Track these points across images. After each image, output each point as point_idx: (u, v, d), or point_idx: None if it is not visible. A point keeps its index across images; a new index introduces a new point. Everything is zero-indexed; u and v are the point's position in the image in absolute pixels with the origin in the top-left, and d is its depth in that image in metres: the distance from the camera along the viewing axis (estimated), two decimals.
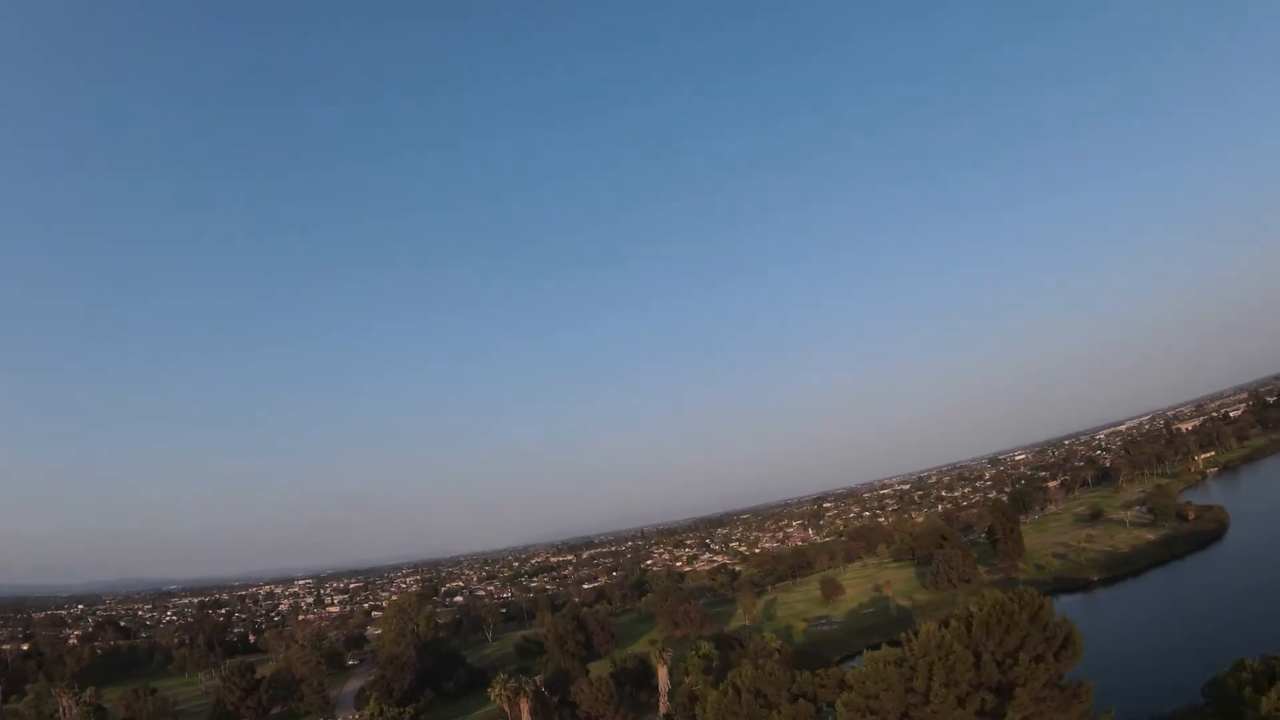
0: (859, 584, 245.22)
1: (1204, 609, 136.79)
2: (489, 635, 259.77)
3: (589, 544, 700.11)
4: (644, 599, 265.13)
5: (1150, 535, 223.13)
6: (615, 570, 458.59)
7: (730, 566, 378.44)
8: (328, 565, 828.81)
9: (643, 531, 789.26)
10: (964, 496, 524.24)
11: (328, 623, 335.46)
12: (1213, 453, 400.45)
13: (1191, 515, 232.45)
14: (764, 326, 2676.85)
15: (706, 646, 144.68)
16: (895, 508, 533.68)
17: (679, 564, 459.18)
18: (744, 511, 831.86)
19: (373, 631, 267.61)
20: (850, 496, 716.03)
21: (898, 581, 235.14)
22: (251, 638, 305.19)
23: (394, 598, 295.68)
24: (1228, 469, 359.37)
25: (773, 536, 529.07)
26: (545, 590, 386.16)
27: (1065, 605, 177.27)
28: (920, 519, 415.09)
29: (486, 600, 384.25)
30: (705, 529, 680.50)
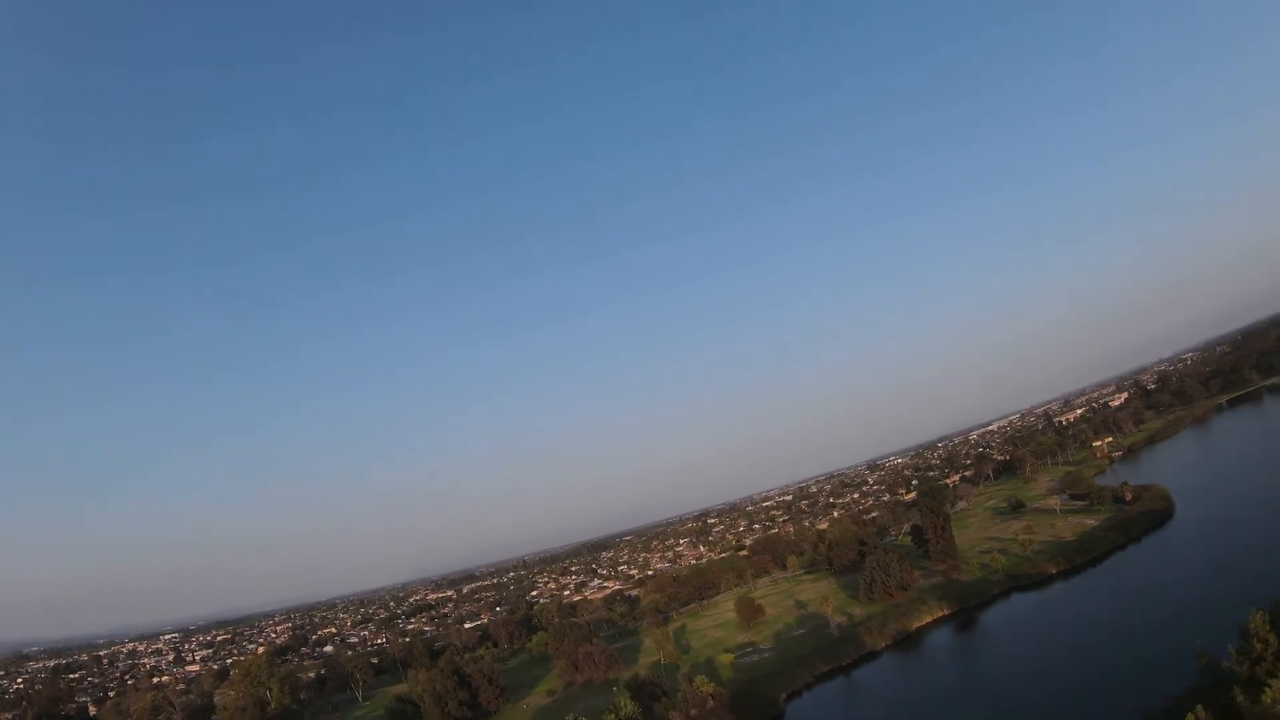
0: (777, 602, 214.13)
1: (1189, 587, 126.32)
2: (359, 694, 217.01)
3: (470, 577, 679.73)
4: (535, 638, 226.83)
5: (1092, 521, 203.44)
6: (499, 605, 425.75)
7: (625, 592, 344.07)
8: (200, 615, 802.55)
9: (524, 561, 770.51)
10: (854, 501, 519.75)
11: (183, 685, 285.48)
12: (1110, 438, 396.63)
13: (1129, 496, 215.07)
14: (633, 350, 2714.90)
15: (626, 704, 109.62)
16: (785, 518, 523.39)
17: (567, 593, 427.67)
18: (626, 533, 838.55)
19: (222, 697, 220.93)
20: (734, 510, 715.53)
21: (821, 595, 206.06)
22: (93, 708, 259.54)
23: (246, 658, 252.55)
24: (1131, 451, 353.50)
25: (663, 557, 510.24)
26: (423, 633, 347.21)
27: (1037, 603, 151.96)
28: (825, 526, 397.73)
29: (358, 649, 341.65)
30: (589, 554, 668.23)
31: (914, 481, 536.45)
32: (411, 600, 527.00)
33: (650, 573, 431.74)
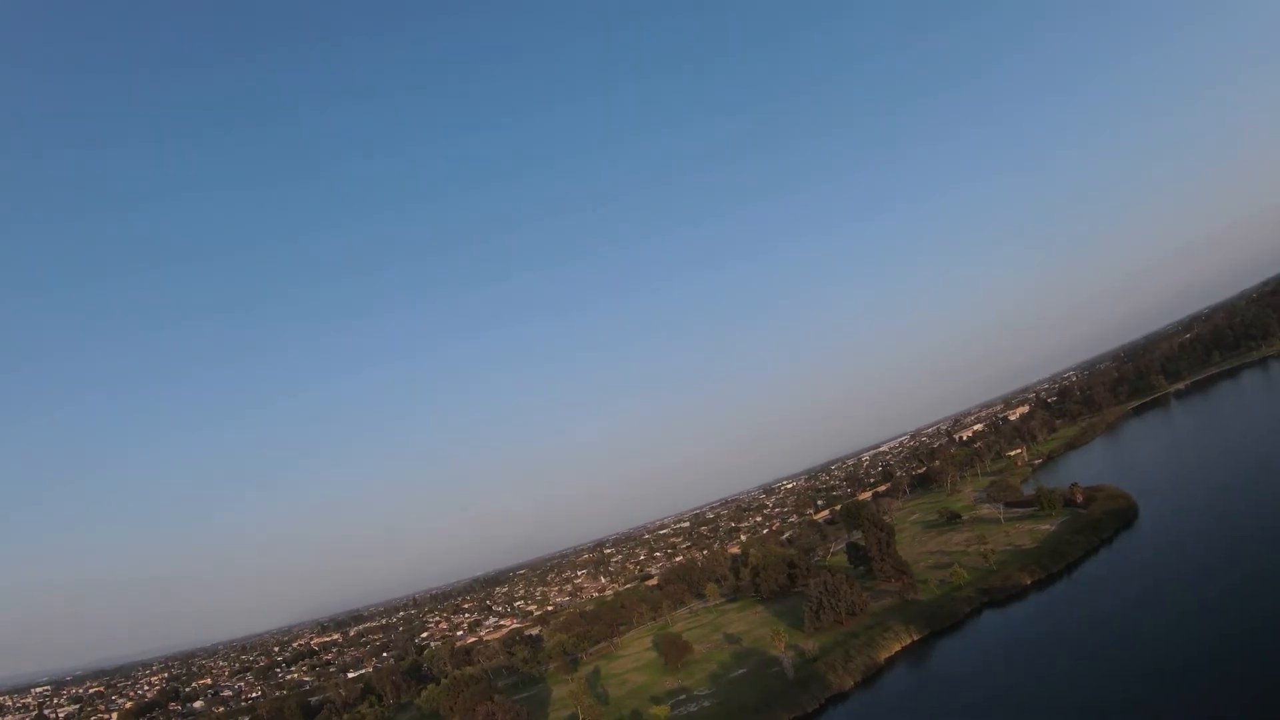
0: (704, 637, 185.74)
1: (1198, 583, 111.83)
2: None
3: (358, 618, 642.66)
4: (425, 693, 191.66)
5: (1048, 526, 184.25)
6: (386, 649, 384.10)
7: (525, 631, 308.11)
8: (76, 665, 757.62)
9: (415, 599, 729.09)
10: (759, 525, 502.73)
11: None
12: (1024, 448, 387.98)
13: (1080, 498, 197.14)
14: (523, 376, 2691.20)
15: None
16: (687, 545, 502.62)
17: (460, 633, 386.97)
18: (519, 567, 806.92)
19: None
20: (630, 539, 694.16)
21: (751, 625, 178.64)
22: None
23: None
24: (1050, 459, 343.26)
25: (561, 590, 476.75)
26: (301, 685, 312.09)
27: (1026, 616, 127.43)
28: (735, 549, 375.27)
29: (231, 704, 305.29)
30: (482, 589, 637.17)
31: (819, 501, 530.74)
32: (295, 645, 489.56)
33: (550, 608, 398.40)
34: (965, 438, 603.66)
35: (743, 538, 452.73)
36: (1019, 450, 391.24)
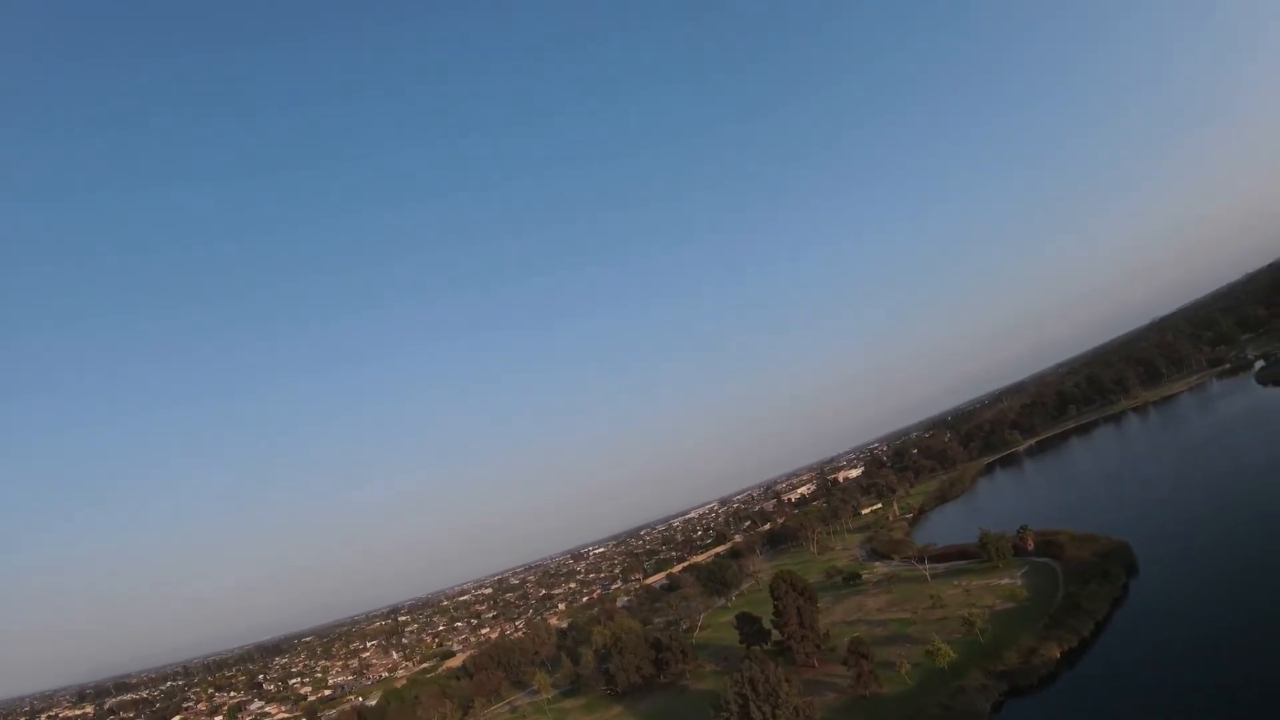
0: None
1: None
2: None
3: (124, 685, 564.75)
4: None
5: (1009, 580, 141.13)
6: None
7: None
8: None
9: (186, 667, 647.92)
10: (573, 591, 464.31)
11: None
12: (893, 501, 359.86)
13: (1030, 545, 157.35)
14: (316, 431, 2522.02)
15: None
16: (494, 614, 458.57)
17: None
18: (307, 633, 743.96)
19: None
20: (428, 606, 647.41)
21: None
22: None
23: None
24: (921, 512, 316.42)
25: (346, 665, 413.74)
26: None
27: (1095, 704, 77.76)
28: (556, 620, 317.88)
29: None
30: (261, 658, 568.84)
31: (646, 564, 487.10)
32: (44, 717, 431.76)
33: (327, 691, 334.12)
34: (794, 499, 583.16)
35: (561, 607, 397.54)
36: (875, 506, 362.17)
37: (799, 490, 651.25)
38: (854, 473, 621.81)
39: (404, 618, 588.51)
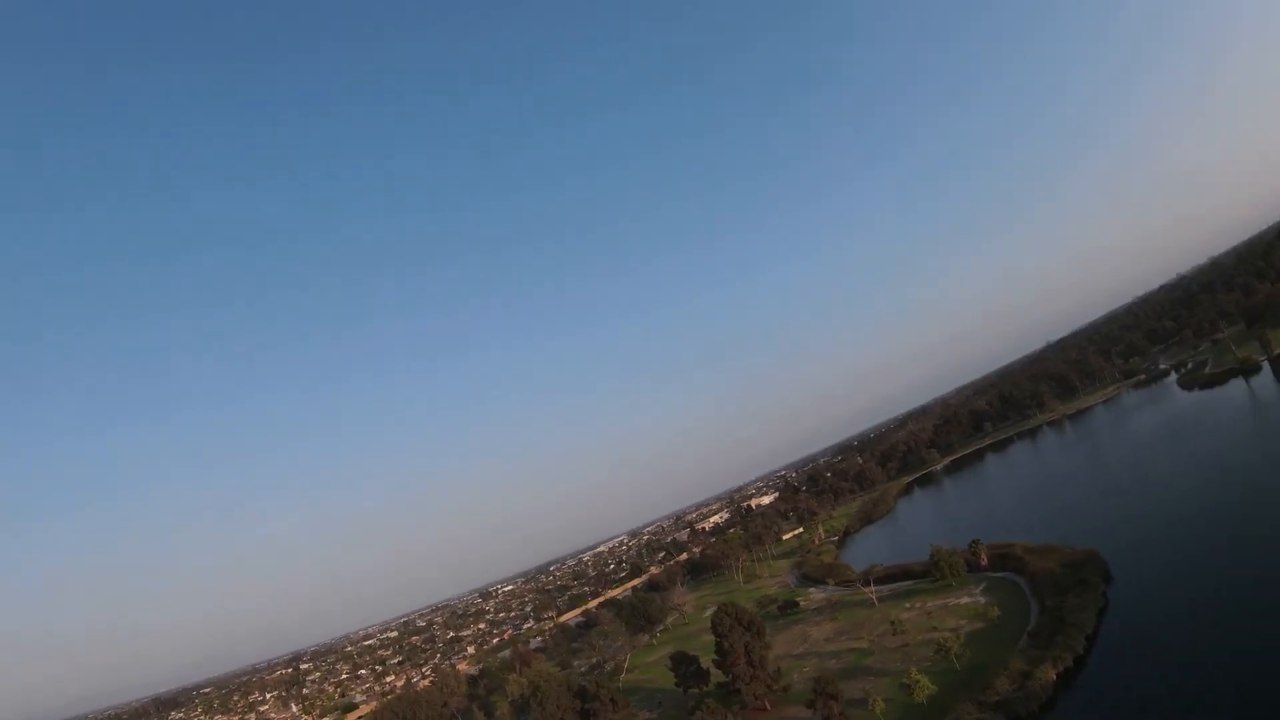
0: None
1: None
2: None
3: None
4: None
5: (970, 598, 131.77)
6: None
7: None
8: None
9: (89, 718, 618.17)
10: (484, 633, 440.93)
11: None
12: (800, 528, 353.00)
13: (984, 560, 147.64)
14: (202, 471, 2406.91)
15: None
16: (399, 660, 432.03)
17: None
18: (205, 684, 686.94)
19: None
20: (332, 652, 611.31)
21: None
22: None
23: None
24: (847, 534, 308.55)
25: None
26: None
27: None
28: (464, 666, 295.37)
29: None
30: (157, 713, 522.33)
31: (560, 600, 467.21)
32: None
33: None
34: (708, 528, 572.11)
35: (471, 650, 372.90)
36: (797, 530, 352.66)
37: (711, 519, 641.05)
38: (766, 499, 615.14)
39: (306, 665, 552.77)
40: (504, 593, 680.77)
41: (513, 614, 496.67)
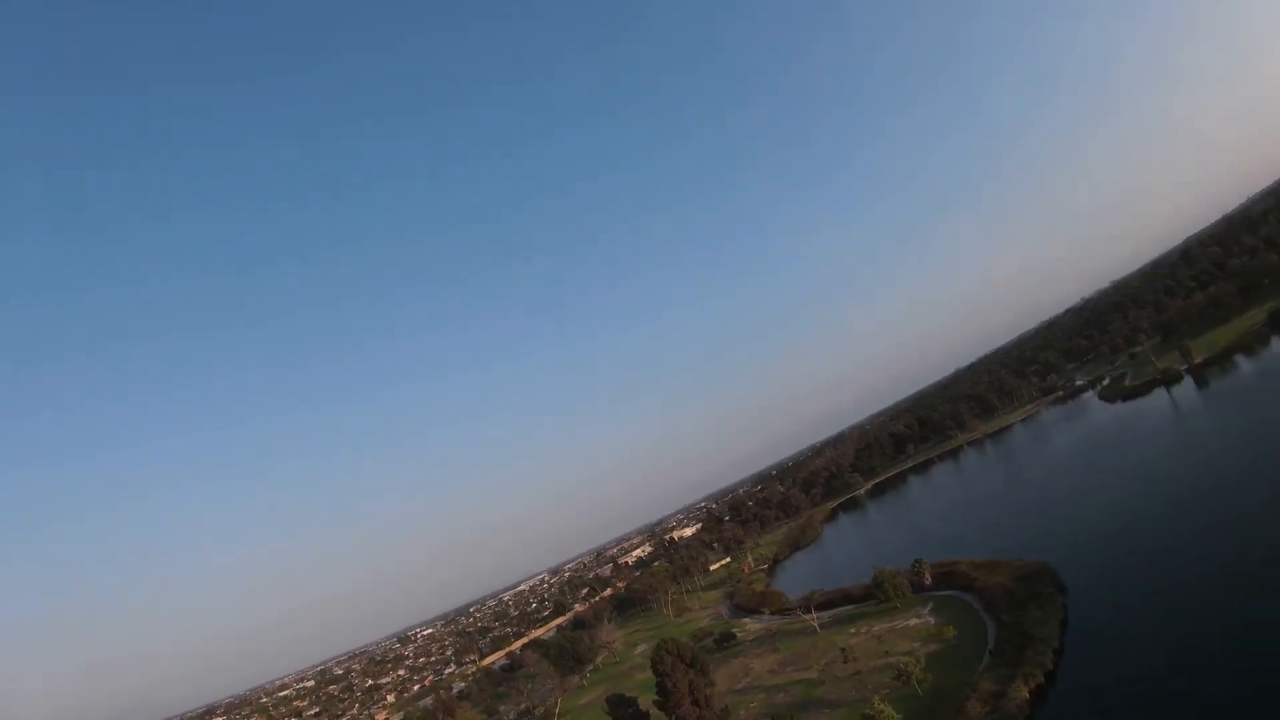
0: None
1: None
2: None
3: None
4: None
5: (918, 620, 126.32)
6: None
7: None
8: None
9: None
10: (403, 680, 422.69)
11: None
12: (728, 558, 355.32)
13: (928, 579, 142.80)
14: (83, 523, 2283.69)
15: None
16: (315, 711, 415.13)
17: None
18: None
19: None
20: (246, 704, 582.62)
21: None
22: None
23: None
24: (777, 561, 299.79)
25: None
26: None
27: None
28: (384, 716, 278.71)
29: None
30: None
31: (481, 641, 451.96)
32: None
33: None
34: (631, 562, 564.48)
35: (390, 698, 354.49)
36: (725, 560, 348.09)
37: (634, 552, 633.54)
38: (688, 531, 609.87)
39: (219, 718, 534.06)
40: (423, 636, 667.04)
41: (433, 658, 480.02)
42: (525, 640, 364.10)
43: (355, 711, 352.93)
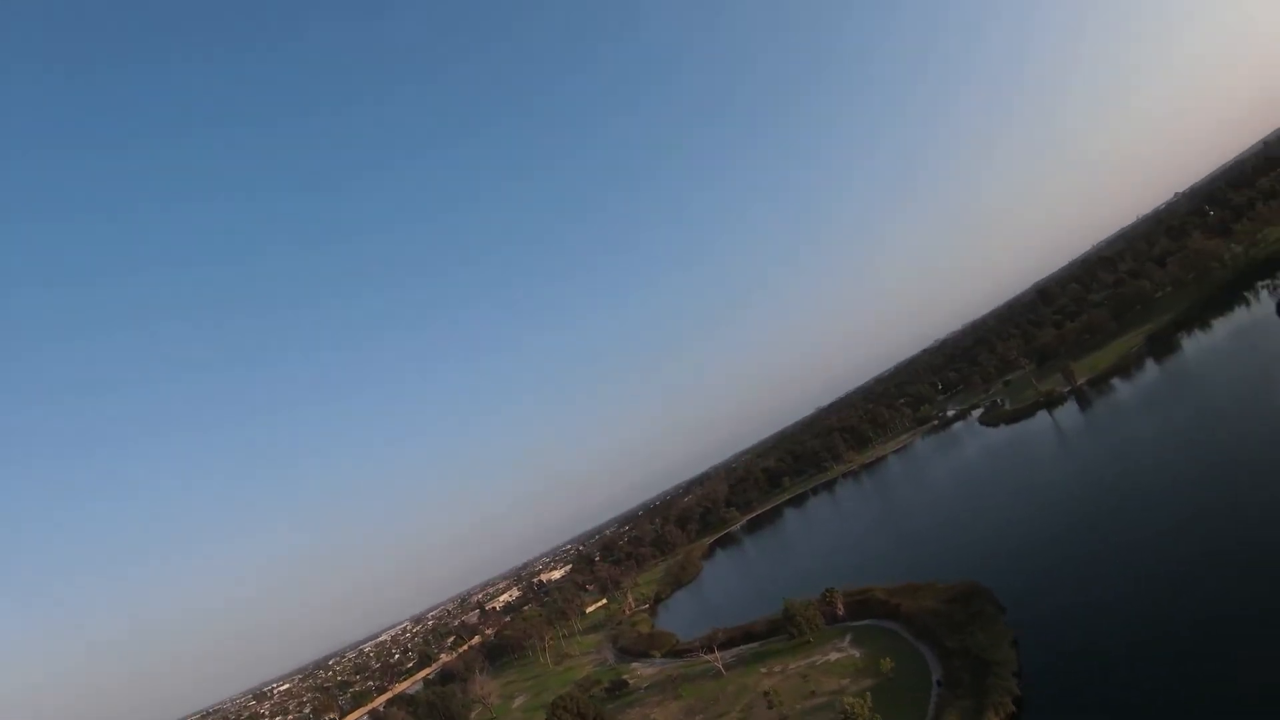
0: None
1: None
2: None
3: None
4: None
5: (838, 654, 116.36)
6: None
7: None
8: None
9: None
10: None
11: None
12: (604, 600, 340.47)
13: (841, 610, 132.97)
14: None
15: None
16: None
17: None
18: None
19: None
20: None
21: None
22: None
23: None
24: (659, 600, 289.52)
25: None
26: None
27: None
28: None
29: None
30: None
31: (348, 691, 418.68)
32: None
33: None
34: (499, 607, 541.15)
35: None
36: (601, 602, 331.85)
37: (502, 597, 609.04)
38: (557, 573, 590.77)
39: None
40: (279, 693, 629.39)
41: (290, 716, 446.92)
42: (389, 695, 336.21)
43: None
